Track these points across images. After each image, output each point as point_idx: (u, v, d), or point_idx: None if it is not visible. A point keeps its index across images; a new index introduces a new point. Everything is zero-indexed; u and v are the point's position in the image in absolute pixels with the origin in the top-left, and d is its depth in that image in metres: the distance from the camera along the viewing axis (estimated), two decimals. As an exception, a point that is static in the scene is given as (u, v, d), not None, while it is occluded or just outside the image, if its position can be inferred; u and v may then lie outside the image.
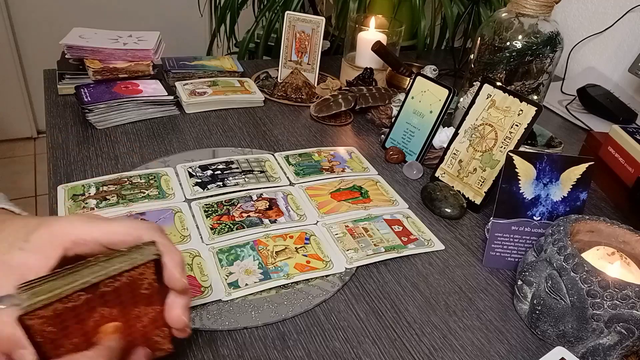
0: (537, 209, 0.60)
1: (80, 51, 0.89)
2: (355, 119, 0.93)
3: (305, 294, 0.54)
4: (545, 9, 0.78)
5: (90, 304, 0.35)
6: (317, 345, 0.49)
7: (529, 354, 0.51)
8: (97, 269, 0.35)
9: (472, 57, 0.87)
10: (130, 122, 0.83)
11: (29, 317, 0.32)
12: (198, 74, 0.98)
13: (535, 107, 0.65)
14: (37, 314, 0.32)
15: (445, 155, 0.74)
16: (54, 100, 0.88)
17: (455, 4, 1.28)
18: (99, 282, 0.35)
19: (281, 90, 0.98)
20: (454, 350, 0.50)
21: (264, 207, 0.66)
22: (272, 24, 1.34)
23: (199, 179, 0.70)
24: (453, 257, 0.62)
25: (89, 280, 0.34)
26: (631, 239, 0.53)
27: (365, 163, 0.79)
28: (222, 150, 0.78)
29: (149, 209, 0.63)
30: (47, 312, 0.32)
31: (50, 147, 0.75)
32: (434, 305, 0.55)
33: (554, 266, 0.50)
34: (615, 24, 1.15)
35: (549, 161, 0.59)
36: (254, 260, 0.57)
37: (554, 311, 0.50)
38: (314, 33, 0.97)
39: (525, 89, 0.84)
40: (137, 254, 0.37)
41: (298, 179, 0.73)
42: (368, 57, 1.00)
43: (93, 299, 0.35)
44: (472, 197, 0.71)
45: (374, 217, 0.66)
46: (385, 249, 0.61)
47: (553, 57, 0.82)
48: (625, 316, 0.46)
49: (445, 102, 0.77)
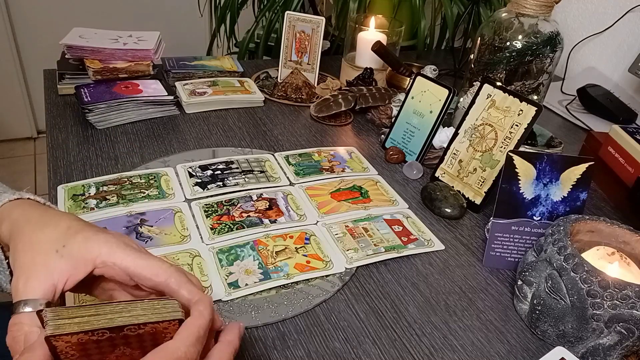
0: (537, 209, 0.60)
1: (80, 51, 0.89)
2: (355, 119, 0.93)
3: (305, 294, 0.54)
4: (545, 9, 0.78)
5: (113, 341, 0.37)
6: (317, 345, 0.49)
7: (529, 354, 0.51)
8: (120, 309, 0.36)
9: (472, 57, 0.87)
10: (130, 122, 0.83)
11: (56, 339, 0.34)
12: (198, 74, 0.98)
13: (535, 107, 0.65)
14: (64, 339, 0.34)
15: (445, 155, 0.74)
16: (54, 100, 0.88)
17: (455, 4, 1.28)
18: (124, 326, 0.36)
19: (281, 90, 0.98)
20: (454, 350, 0.50)
21: (264, 207, 0.66)
22: (272, 24, 1.34)
23: (199, 179, 0.70)
24: (453, 257, 0.62)
25: (114, 321, 0.36)
26: (631, 239, 0.53)
27: (365, 163, 0.79)
28: (222, 150, 0.78)
29: (149, 209, 0.63)
30: (72, 339, 0.34)
31: (50, 147, 0.75)
32: (434, 305, 0.55)
33: (554, 266, 0.50)
34: (615, 24, 1.14)
35: (549, 161, 0.59)
36: (254, 260, 0.57)
37: (554, 311, 0.50)
38: (314, 33, 0.97)
39: (525, 89, 0.84)
40: (161, 306, 0.37)
41: (298, 179, 0.73)
42: (368, 57, 1.00)
43: (116, 338, 0.36)
44: (472, 197, 0.71)
45: (374, 217, 0.66)
46: (385, 249, 0.61)
47: (553, 57, 0.82)
48: (625, 316, 0.46)
49: (445, 102, 0.77)
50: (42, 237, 0.39)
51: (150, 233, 0.59)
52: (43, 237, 0.39)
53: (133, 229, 0.59)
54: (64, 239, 0.38)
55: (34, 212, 0.41)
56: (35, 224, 0.40)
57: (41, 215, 0.41)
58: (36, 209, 0.42)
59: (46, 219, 0.40)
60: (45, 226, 0.39)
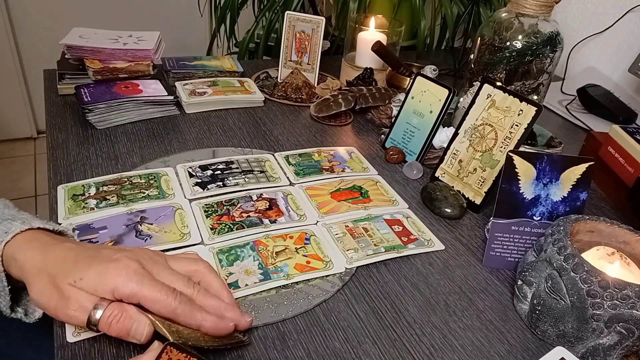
0: (537, 209, 0.60)
1: (80, 51, 0.89)
2: (355, 119, 0.93)
3: (305, 294, 0.54)
4: (545, 9, 0.78)
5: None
6: (317, 345, 0.49)
7: (529, 354, 0.51)
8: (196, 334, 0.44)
9: (472, 57, 0.87)
10: (130, 122, 0.83)
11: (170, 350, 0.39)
12: (198, 74, 0.98)
13: (535, 107, 0.65)
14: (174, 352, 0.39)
15: (445, 155, 0.74)
16: (54, 100, 0.88)
17: (455, 4, 1.28)
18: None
19: (281, 90, 0.98)
20: (454, 350, 0.50)
21: (264, 207, 0.66)
22: (272, 24, 1.34)
23: (199, 179, 0.70)
24: (453, 257, 0.62)
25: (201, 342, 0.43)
26: (631, 239, 0.53)
27: (365, 163, 0.79)
28: (222, 150, 0.78)
29: (149, 207, 0.63)
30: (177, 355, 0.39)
31: (50, 147, 0.75)
32: (434, 305, 0.55)
33: (554, 266, 0.50)
34: (615, 24, 1.15)
35: (549, 161, 0.59)
36: (254, 260, 0.57)
37: (554, 311, 0.50)
38: (314, 33, 0.97)
39: (525, 89, 0.84)
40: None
41: (298, 179, 0.73)
42: (368, 57, 1.01)
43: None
44: (472, 197, 0.71)
45: (374, 217, 0.66)
46: (385, 249, 0.61)
47: (553, 57, 0.82)
48: (625, 316, 0.46)
49: (445, 102, 0.77)
50: (57, 272, 0.43)
51: (149, 231, 0.59)
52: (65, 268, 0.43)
53: (133, 227, 0.59)
54: (81, 273, 0.42)
55: (39, 256, 0.44)
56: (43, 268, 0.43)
57: (61, 245, 0.45)
58: (44, 247, 0.45)
59: (68, 251, 0.44)
60: (65, 260, 0.43)
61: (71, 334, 0.46)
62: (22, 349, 0.63)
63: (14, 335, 0.63)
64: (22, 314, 0.47)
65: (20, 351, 0.63)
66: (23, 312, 0.47)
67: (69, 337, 0.46)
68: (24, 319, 0.47)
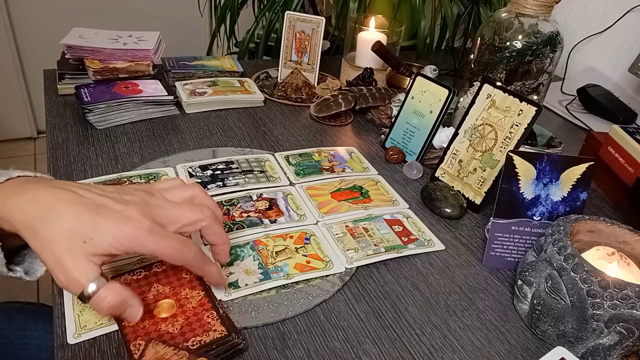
0: (537, 209, 0.60)
1: (80, 51, 0.89)
2: (355, 119, 0.93)
3: (305, 294, 0.54)
4: (545, 9, 0.78)
5: (148, 279, 0.51)
6: (317, 345, 0.49)
7: (529, 354, 0.51)
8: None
9: (472, 57, 0.87)
10: (130, 122, 0.83)
11: (156, 343, 0.43)
12: (198, 74, 0.98)
13: (535, 107, 0.65)
14: (160, 345, 0.42)
15: (445, 155, 0.74)
16: (54, 100, 0.88)
17: (455, 4, 1.28)
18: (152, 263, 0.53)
19: (281, 90, 0.98)
20: (454, 350, 0.50)
21: (264, 207, 0.66)
22: (272, 24, 1.34)
23: (199, 179, 0.70)
24: (453, 257, 0.62)
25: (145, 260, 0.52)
26: (631, 239, 0.53)
27: (366, 163, 0.79)
28: (222, 150, 0.78)
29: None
30: (164, 349, 0.42)
31: (50, 147, 0.75)
32: (434, 305, 0.55)
33: (554, 266, 0.50)
34: (615, 24, 1.14)
35: (549, 161, 0.59)
36: (254, 260, 0.57)
37: (554, 311, 0.50)
38: (314, 33, 0.97)
39: (525, 89, 0.84)
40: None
41: (298, 179, 0.73)
42: (368, 57, 1.01)
43: (149, 276, 0.51)
44: (472, 197, 0.71)
45: (374, 217, 0.66)
46: (386, 249, 0.61)
47: (553, 57, 0.82)
48: (625, 316, 0.46)
49: (445, 102, 0.77)
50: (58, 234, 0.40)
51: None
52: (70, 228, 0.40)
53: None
54: (90, 234, 0.40)
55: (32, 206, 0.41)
56: (39, 218, 0.40)
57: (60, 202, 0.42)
58: (30, 191, 0.42)
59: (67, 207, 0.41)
60: (66, 220, 0.41)
61: (72, 335, 0.46)
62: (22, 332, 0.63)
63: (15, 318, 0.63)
64: (22, 272, 0.46)
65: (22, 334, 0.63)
66: (23, 271, 0.46)
67: (69, 339, 0.46)
68: (25, 277, 0.46)
